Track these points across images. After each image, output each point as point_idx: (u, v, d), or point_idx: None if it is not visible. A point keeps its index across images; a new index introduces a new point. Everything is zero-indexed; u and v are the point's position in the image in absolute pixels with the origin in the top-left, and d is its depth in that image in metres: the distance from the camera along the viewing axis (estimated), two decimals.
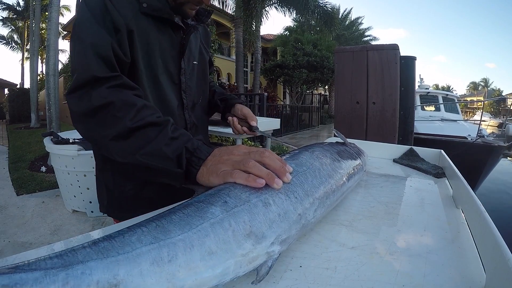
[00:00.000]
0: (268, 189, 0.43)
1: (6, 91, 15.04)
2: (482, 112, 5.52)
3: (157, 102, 0.70)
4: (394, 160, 1.05)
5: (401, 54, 2.23)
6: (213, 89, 0.98)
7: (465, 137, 4.71)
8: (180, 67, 0.75)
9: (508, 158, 8.03)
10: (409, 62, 2.28)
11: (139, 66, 0.65)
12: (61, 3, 5.17)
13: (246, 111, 0.87)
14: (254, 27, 9.37)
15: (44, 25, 13.28)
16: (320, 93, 18.26)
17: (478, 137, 4.51)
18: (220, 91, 0.99)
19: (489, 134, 6.82)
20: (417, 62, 2.34)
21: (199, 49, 0.85)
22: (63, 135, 2.93)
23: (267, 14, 9.84)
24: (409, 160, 1.01)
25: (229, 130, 2.13)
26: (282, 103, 14.18)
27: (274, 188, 0.42)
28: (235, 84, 9.92)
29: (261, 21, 9.56)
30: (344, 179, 0.60)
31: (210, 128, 2.28)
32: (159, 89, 0.70)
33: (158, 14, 0.67)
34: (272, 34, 17.35)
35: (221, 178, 0.44)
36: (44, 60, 14.96)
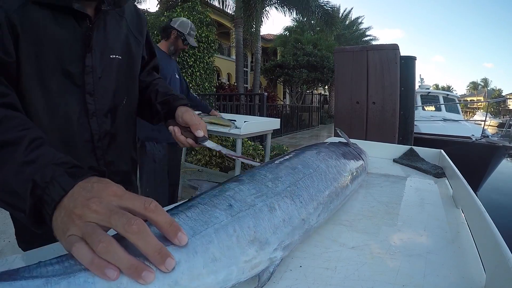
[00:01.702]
0: (274, 192, 0.43)
1: None
2: (486, 113, 5.55)
3: (46, 111, 0.58)
4: (394, 160, 1.05)
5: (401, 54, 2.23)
6: (155, 88, 0.78)
7: (469, 137, 4.71)
8: (84, 64, 0.61)
9: (510, 158, 8.03)
10: (409, 62, 2.28)
11: (23, 67, 0.54)
12: None
13: (187, 117, 0.67)
14: (254, 27, 9.37)
15: None
16: (320, 93, 18.25)
17: (482, 137, 4.51)
18: (164, 90, 0.78)
19: (493, 134, 6.82)
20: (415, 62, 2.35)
21: (125, 40, 0.70)
22: None
23: (267, 14, 9.86)
24: (409, 160, 1.01)
25: (227, 130, 2.13)
26: (282, 103, 14.18)
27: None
28: (235, 84, 9.92)
29: (262, 21, 9.57)
30: (348, 182, 0.60)
31: (209, 128, 2.26)
32: (48, 94, 0.57)
33: (51, 1, 0.55)
34: (272, 34, 17.34)
35: (68, 246, 0.29)
36: None
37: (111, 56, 0.66)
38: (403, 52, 2.24)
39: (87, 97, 0.62)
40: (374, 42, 19.88)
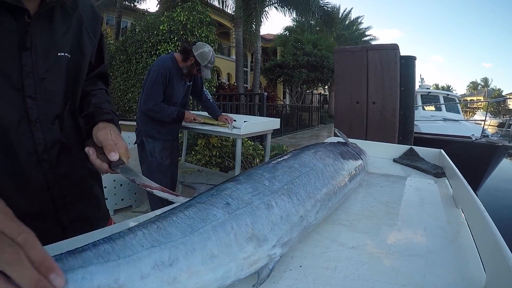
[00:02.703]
0: (271, 191, 0.43)
1: None
2: (486, 113, 5.56)
3: None
4: (394, 160, 1.05)
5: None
6: (89, 99, 0.67)
7: (469, 137, 4.72)
8: (21, 64, 0.53)
9: (510, 158, 8.05)
10: (409, 62, 2.28)
11: None
12: None
13: (102, 135, 0.55)
14: (254, 28, 9.38)
15: None
16: (320, 93, 18.25)
17: (482, 137, 4.53)
18: (96, 101, 0.67)
19: (493, 133, 6.84)
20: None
21: (77, 37, 0.61)
22: None
23: (266, 14, 9.88)
24: (409, 160, 1.01)
25: (227, 130, 2.13)
26: (282, 103, 14.18)
27: None
28: (235, 84, 9.93)
29: (261, 21, 9.59)
30: (346, 180, 0.60)
31: (208, 128, 2.26)
32: None
33: None
34: (272, 34, 17.34)
35: None
36: None
37: (58, 54, 0.58)
38: (402, 52, 2.24)
39: (28, 102, 0.54)
40: (373, 42, 19.88)
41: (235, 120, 2.23)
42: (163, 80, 1.82)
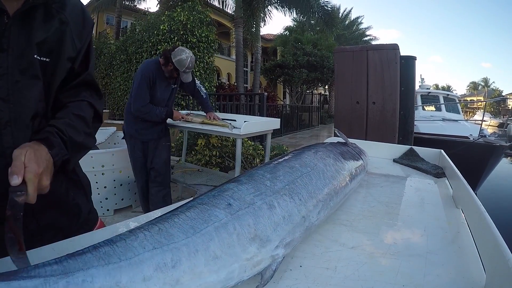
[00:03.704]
0: (273, 191, 0.43)
1: None
2: (484, 113, 5.55)
3: None
4: (394, 160, 1.05)
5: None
6: (58, 112, 0.63)
7: (467, 137, 4.73)
8: None
9: (509, 158, 8.05)
10: (409, 62, 2.28)
11: None
12: None
13: (14, 154, 0.48)
14: (254, 27, 9.39)
15: None
16: (320, 93, 18.25)
17: (480, 137, 4.53)
18: (58, 115, 0.62)
19: (491, 134, 6.85)
20: None
21: (59, 40, 0.59)
22: None
23: (270, 13, 9.89)
24: (409, 160, 1.01)
25: (227, 130, 2.13)
26: (282, 103, 14.18)
27: None
28: (235, 84, 9.93)
29: (265, 21, 9.63)
30: (347, 180, 0.60)
31: (208, 127, 2.26)
32: None
33: None
34: (272, 34, 17.34)
35: None
36: None
37: (35, 56, 0.56)
38: (401, 52, 2.24)
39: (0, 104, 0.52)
40: (373, 42, 19.87)
41: (234, 120, 2.23)
42: (147, 83, 1.95)
